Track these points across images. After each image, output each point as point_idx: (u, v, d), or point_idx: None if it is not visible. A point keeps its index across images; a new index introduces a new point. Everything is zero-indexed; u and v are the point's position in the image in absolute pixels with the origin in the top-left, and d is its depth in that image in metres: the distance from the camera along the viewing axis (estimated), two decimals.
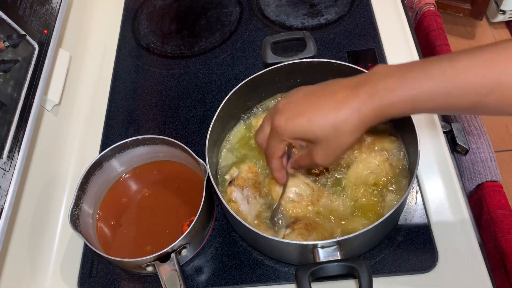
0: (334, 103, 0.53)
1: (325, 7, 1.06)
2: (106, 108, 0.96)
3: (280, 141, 0.58)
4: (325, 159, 0.57)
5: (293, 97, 0.58)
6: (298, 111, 0.56)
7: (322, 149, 0.56)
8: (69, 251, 0.79)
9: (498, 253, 0.74)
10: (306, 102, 0.56)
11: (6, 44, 0.67)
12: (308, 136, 0.55)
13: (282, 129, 0.56)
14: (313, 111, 0.54)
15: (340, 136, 0.54)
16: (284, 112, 0.57)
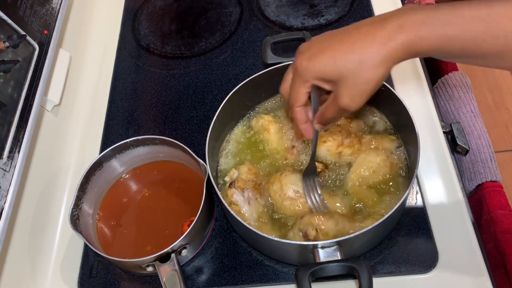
0: (359, 36, 0.51)
1: (325, 8, 1.06)
2: (106, 108, 0.96)
3: (302, 83, 0.55)
4: (351, 99, 0.53)
5: (317, 38, 0.56)
6: (321, 49, 0.53)
7: (347, 88, 0.52)
8: (69, 251, 0.79)
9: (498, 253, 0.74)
10: (329, 39, 0.53)
11: (6, 44, 0.67)
12: (332, 73, 0.52)
13: (304, 68, 0.53)
14: (336, 47, 0.52)
15: (366, 70, 0.50)
16: (307, 51, 0.54)
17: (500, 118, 1.90)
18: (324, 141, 0.76)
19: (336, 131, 0.77)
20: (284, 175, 0.73)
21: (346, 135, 0.77)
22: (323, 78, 0.54)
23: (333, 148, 0.76)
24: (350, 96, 0.53)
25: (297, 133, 0.77)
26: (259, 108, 0.86)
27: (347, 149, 0.76)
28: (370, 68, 0.50)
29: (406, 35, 0.49)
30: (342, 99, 0.54)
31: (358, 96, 0.53)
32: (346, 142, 0.76)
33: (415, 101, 0.87)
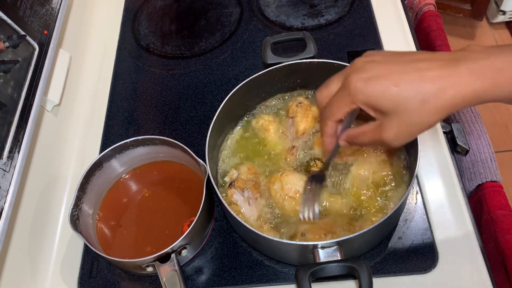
0: (428, 72, 0.45)
1: (325, 8, 1.06)
2: (106, 109, 0.96)
3: (348, 103, 0.50)
4: (397, 136, 0.49)
5: (376, 57, 0.50)
6: (381, 73, 0.47)
7: (398, 124, 0.48)
8: (69, 251, 0.79)
9: (498, 253, 0.74)
10: (391, 65, 0.48)
11: (6, 44, 0.67)
12: (387, 105, 0.47)
13: (358, 89, 0.48)
14: (400, 76, 0.46)
15: (425, 112, 0.46)
16: (365, 71, 0.48)
17: (500, 118, 1.90)
18: None
19: None
20: (285, 174, 0.73)
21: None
22: (374, 106, 0.49)
23: None
24: (397, 133, 0.49)
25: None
26: (259, 108, 0.86)
27: (347, 149, 0.76)
28: (431, 112, 0.47)
29: (481, 83, 0.44)
30: (387, 132, 0.50)
31: (406, 136, 0.50)
32: None
33: None
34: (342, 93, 0.51)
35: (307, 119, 0.79)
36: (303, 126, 0.79)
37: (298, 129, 0.79)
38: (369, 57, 0.51)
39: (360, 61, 0.51)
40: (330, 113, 0.54)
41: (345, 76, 0.51)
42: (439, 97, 0.45)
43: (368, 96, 0.48)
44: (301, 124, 0.79)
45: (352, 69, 0.50)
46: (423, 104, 0.46)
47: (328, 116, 0.54)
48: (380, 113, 0.49)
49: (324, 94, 0.55)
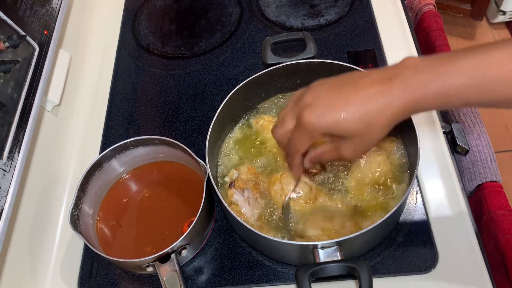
0: (366, 97, 0.52)
1: (325, 8, 1.06)
2: (106, 109, 0.96)
3: (308, 138, 0.57)
4: (353, 154, 0.57)
5: (320, 92, 0.56)
6: (330, 107, 0.54)
7: (352, 144, 0.56)
8: (69, 251, 0.79)
9: (498, 253, 0.74)
10: (336, 96, 0.54)
11: (6, 44, 0.67)
12: (340, 131, 0.54)
13: (314, 125, 0.55)
14: (346, 106, 0.53)
15: (373, 131, 0.54)
16: (315, 107, 0.55)
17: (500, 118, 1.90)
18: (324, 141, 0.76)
19: None
20: (284, 175, 0.73)
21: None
22: (331, 134, 0.56)
23: None
24: (354, 151, 0.57)
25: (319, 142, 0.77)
26: (259, 108, 0.86)
27: None
28: (378, 129, 0.54)
29: (411, 97, 0.51)
30: (345, 152, 0.57)
31: (361, 151, 0.58)
32: None
33: None
34: (300, 131, 0.57)
35: None
36: None
37: None
38: (316, 91, 0.57)
39: (308, 98, 0.56)
40: (294, 149, 0.60)
41: (296, 114, 0.57)
42: (380, 116, 0.52)
43: (323, 129, 0.55)
44: None
45: (303, 107, 0.56)
46: (369, 126, 0.53)
47: (294, 152, 0.61)
48: (336, 138, 0.56)
49: (281, 132, 0.61)
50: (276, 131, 0.62)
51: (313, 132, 0.55)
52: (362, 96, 0.53)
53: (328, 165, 0.76)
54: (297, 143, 0.59)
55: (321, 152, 0.61)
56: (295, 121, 0.58)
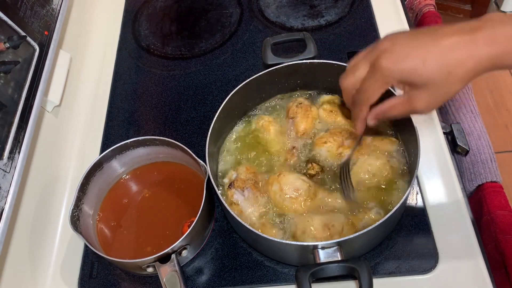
0: (448, 46, 0.50)
1: (325, 8, 1.06)
2: (106, 109, 0.96)
3: (383, 84, 0.54)
4: (427, 106, 0.54)
5: (398, 38, 0.54)
6: (409, 52, 0.52)
7: (428, 94, 0.53)
8: (69, 252, 0.79)
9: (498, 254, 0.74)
10: (414, 42, 0.52)
11: (6, 45, 0.67)
12: (417, 79, 0.52)
13: (391, 70, 0.52)
14: (426, 53, 0.51)
15: (451, 81, 0.51)
16: (393, 52, 0.52)
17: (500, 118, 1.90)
18: (325, 141, 0.76)
19: (336, 132, 0.78)
20: (282, 175, 0.73)
21: (347, 136, 0.77)
22: (406, 82, 0.53)
23: (334, 149, 0.76)
24: (428, 103, 0.54)
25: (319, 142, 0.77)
26: (259, 108, 0.86)
27: (348, 150, 0.76)
28: (457, 80, 0.51)
29: (497, 50, 0.49)
30: (419, 103, 0.54)
31: (436, 104, 0.54)
32: (346, 143, 0.76)
33: None
34: (375, 77, 0.54)
35: (307, 120, 0.80)
36: (303, 127, 0.79)
37: (298, 130, 0.80)
38: (392, 39, 0.54)
39: (384, 43, 0.54)
40: (365, 98, 0.56)
41: (371, 60, 0.54)
42: (461, 67, 0.50)
43: (401, 74, 0.52)
44: (301, 124, 0.79)
45: (379, 52, 0.53)
46: (448, 75, 0.50)
47: (363, 101, 0.57)
48: (410, 87, 0.53)
49: (351, 81, 0.57)
50: (346, 80, 0.58)
51: (389, 77, 0.53)
52: (444, 45, 0.50)
53: (326, 167, 0.76)
54: (369, 90, 0.55)
55: (390, 105, 0.58)
56: (368, 68, 0.55)
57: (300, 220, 0.70)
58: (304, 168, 0.76)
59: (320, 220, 0.68)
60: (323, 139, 0.77)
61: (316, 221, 0.68)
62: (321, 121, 0.81)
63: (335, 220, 0.68)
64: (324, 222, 0.68)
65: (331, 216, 0.69)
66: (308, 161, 0.77)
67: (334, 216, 0.69)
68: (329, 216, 0.69)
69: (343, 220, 0.69)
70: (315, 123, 0.80)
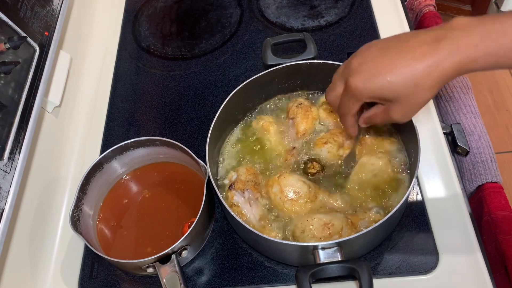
0: (413, 60, 0.52)
1: (326, 9, 1.06)
2: (106, 110, 0.96)
3: (355, 101, 0.58)
4: (402, 116, 0.57)
5: (367, 55, 0.57)
6: (376, 71, 0.54)
7: (400, 107, 0.56)
8: (69, 252, 0.79)
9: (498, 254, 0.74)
10: (382, 59, 0.54)
11: (7, 46, 0.67)
12: (387, 95, 0.55)
13: (360, 90, 0.56)
14: (391, 69, 0.53)
15: (420, 93, 0.53)
16: (360, 72, 0.56)
17: (501, 119, 1.90)
18: (325, 142, 0.76)
19: (337, 133, 0.78)
20: (282, 177, 0.73)
21: (347, 137, 0.77)
22: (377, 98, 0.57)
23: (334, 150, 0.76)
24: (403, 113, 0.57)
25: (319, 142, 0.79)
26: (260, 109, 0.86)
27: (348, 151, 0.76)
28: (425, 91, 0.53)
29: (459, 59, 0.50)
30: (395, 114, 0.57)
31: (411, 113, 0.58)
32: (346, 144, 0.76)
33: None
34: (348, 95, 0.59)
35: (307, 120, 0.80)
36: (303, 127, 0.79)
37: (298, 130, 0.80)
38: (360, 58, 0.57)
39: (355, 62, 0.57)
40: (345, 111, 0.62)
41: (344, 79, 0.59)
42: (427, 79, 0.52)
43: (369, 93, 0.56)
44: (301, 125, 0.79)
45: (350, 71, 0.57)
46: (415, 87, 0.53)
47: (345, 113, 0.62)
48: (384, 100, 0.57)
49: (332, 96, 0.63)
50: (328, 95, 0.64)
51: (359, 96, 0.57)
52: (409, 58, 0.52)
53: (327, 166, 0.76)
54: (346, 106, 0.60)
55: (372, 113, 0.62)
56: (343, 85, 0.59)
57: (299, 219, 0.70)
58: (304, 167, 0.76)
59: (319, 220, 0.68)
60: (323, 140, 0.77)
61: (315, 220, 0.68)
62: (321, 121, 0.81)
63: (334, 219, 0.68)
64: (323, 221, 0.68)
65: (331, 215, 0.69)
66: (308, 160, 0.77)
67: (334, 216, 0.69)
68: (329, 216, 0.69)
69: (342, 219, 0.68)
70: (315, 124, 0.80)
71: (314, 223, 0.68)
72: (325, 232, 0.67)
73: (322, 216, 0.69)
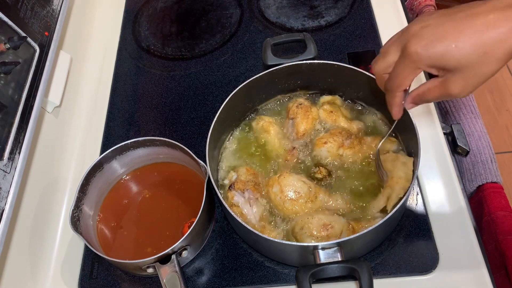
0: (483, 25, 0.47)
1: (326, 9, 1.06)
2: (106, 110, 0.97)
3: (413, 70, 0.52)
4: (463, 89, 0.51)
5: (429, 20, 0.51)
6: (440, 35, 0.49)
7: (463, 77, 0.50)
8: (69, 252, 0.79)
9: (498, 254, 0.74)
10: (446, 24, 0.49)
11: (7, 46, 0.67)
12: (450, 63, 0.49)
13: (420, 55, 0.50)
14: (458, 35, 0.48)
15: (487, 62, 0.48)
16: (422, 36, 0.50)
17: (501, 119, 1.90)
18: (325, 142, 0.76)
19: (336, 132, 0.77)
20: (282, 177, 0.73)
21: (347, 136, 0.77)
22: (438, 66, 0.51)
23: (334, 149, 0.76)
24: (464, 86, 0.51)
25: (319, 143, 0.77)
26: (260, 109, 0.86)
27: (348, 150, 0.76)
28: (493, 61, 0.48)
29: None
30: (454, 87, 0.52)
31: (472, 87, 0.51)
32: (346, 144, 0.76)
33: None
34: (404, 62, 0.52)
35: (308, 120, 0.80)
36: (303, 127, 0.79)
37: (298, 130, 0.80)
38: (422, 22, 0.52)
39: (415, 27, 0.52)
40: (397, 84, 0.55)
41: (402, 44, 0.52)
42: (498, 47, 0.47)
43: (431, 59, 0.50)
44: (301, 125, 0.79)
45: (409, 36, 0.51)
46: (483, 56, 0.48)
47: (395, 87, 0.56)
48: (444, 71, 0.51)
49: (382, 66, 0.56)
50: (376, 65, 0.57)
51: (419, 63, 0.51)
52: (479, 24, 0.48)
53: (333, 171, 0.76)
54: (400, 76, 0.54)
55: (425, 89, 0.56)
56: (399, 52, 0.53)
57: (301, 216, 0.70)
58: (310, 171, 0.76)
59: (320, 219, 0.68)
60: (323, 140, 0.77)
61: (316, 220, 0.68)
62: (321, 121, 0.81)
63: (335, 222, 0.68)
64: (324, 221, 0.68)
65: (333, 218, 0.69)
66: (315, 165, 0.77)
67: (336, 219, 0.69)
68: (330, 217, 0.69)
69: (344, 224, 0.68)
70: (315, 124, 0.80)
71: (314, 221, 0.68)
72: (323, 233, 0.67)
73: (323, 216, 0.69)
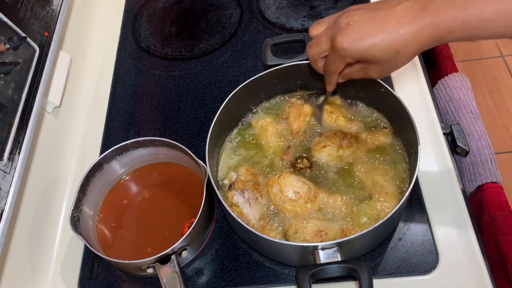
0: (398, 26, 0.56)
1: (325, 9, 1.06)
2: (106, 110, 0.97)
3: (341, 61, 0.63)
4: (380, 75, 0.64)
5: (354, 16, 0.60)
6: (362, 34, 0.58)
7: (380, 68, 0.62)
8: (69, 253, 0.79)
9: (498, 254, 0.74)
10: (368, 24, 0.58)
11: (7, 46, 0.67)
12: (370, 58, 0.60)
13: (347, 51, 0.60)
14: (377, 34, 0.58)
15: (399, 58, 0.59)
16: (348, 33, 0.59)
17: (500, 119, 1.90)
18: (324, 146, 0.76)
19: (332, 134, 0.78)
20: (282, 177, 0.73)
21: (343, 136, 0.77)
22: (361, 59, 0.62)
23: (334, 152, 0.76)
24: (381, 73, 0.64)
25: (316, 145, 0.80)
26: (259, 109, 0.86)
27: (347, 150, 0.76)
28: (404, 58, 0.59)
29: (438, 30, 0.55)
30: (373, 73, 0.64)
31: (386, 73, 0.64)
32: (344, 143, 0.76)
33: (415, 102, 0.87)
34: (335, 55, 0.63)
35: (300, 118, 0.80)
36: (296, 126, 0.80)
37: (292, 129, 0.80)
38: (349, 17, 0.60)
39: (343, 22, 0.60)
40: (331, 70, 0.66)
41: (331, 35, 0.62)
42: (407, 46, 0.57)
43: (355, 54, 0.60)
44: (294, 124, 0.80)
45: (338, 31, 0.60)
46: (396, 54, 0.58)
47: (331, 72, 0.67)
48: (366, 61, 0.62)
49: (315, 52, 0.66)
50: (311, 51, 0.67)
51: (346, 57, 0.61)
52: (394, 25, 0.57)
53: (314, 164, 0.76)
54: (332, 65, 0.65)
55: (351, 71, 0.67)
56: (329, 42, 0.63)
57: (295, 220, 0.70)
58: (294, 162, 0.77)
59: (314, 225, 0.68)
60: (321, 144, 0.77)
61: (310, 225, 0.68)
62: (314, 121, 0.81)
63: (329, 229, 0.68)
64: (318, 227, 0.68)
65: (327, 224, 0.69)
66: (299, 156, 0.77)
67: (330, 225, 0.69)
68: (325, 223, 0.69)
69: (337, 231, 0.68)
70: (307, 121, 0.80)
71: (308, 227, 0.68)
72: (316, 239, 0.67)
73: (318, 222, 0.69)
